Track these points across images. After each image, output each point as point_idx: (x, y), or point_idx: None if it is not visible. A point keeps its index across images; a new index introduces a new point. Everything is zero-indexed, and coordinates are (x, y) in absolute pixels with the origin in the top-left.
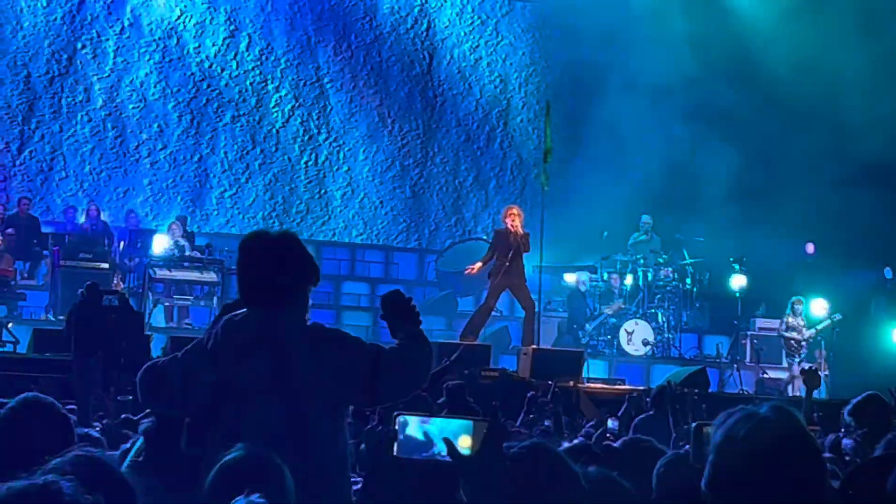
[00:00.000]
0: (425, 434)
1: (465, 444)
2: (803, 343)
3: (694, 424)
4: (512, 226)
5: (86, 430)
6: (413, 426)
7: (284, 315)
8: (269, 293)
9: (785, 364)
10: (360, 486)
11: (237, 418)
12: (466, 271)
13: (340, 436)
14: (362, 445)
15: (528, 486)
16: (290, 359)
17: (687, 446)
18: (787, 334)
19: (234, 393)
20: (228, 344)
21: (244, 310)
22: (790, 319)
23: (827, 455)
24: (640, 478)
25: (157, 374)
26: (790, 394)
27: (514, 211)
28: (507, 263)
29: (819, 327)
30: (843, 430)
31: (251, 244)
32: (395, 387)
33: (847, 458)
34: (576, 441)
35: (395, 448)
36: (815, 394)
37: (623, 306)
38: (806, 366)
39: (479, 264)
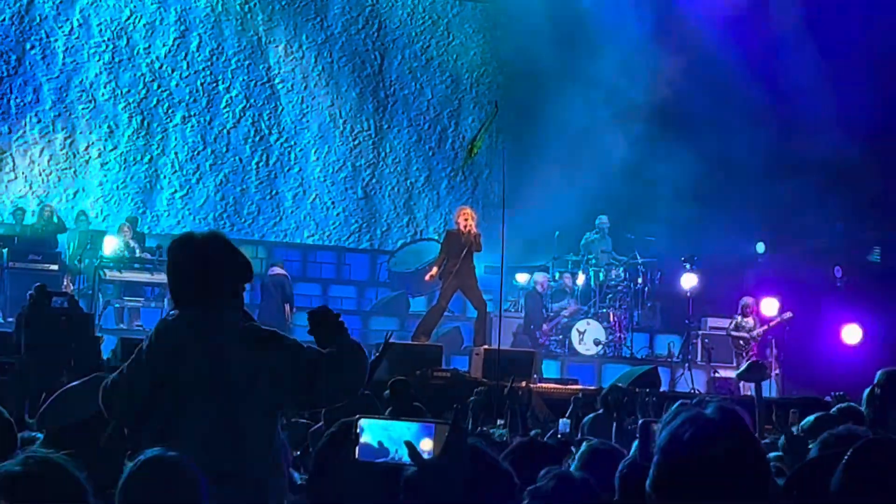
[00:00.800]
0: (385, 438)
1: (426, 447)
2: (751, 343)
3: (640, 422)
4: (465, 226)
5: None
6: (372, 430)
7: (219, 315)
8: (201, 294)
9: (735, 363)
10: (306, 486)
11: (172, 418)
12: (427, 278)
13: (275, 436)
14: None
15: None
16: (226, 359)
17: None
18: (735, 333)
19: (169, 392)
20: (164, 344)
21: (177, 311)
22: (740, 319)
23: (775, 454)
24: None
25: (106, 393)
26: (741, 392)
27: (467, 211)
28: (459, 264)
29: (769, 325)
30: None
31: (180, 247)
32: (334, 389)
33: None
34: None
35: (357, 452)
36: (767, 392)
37: (580, 308)
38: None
39: (434, 269)
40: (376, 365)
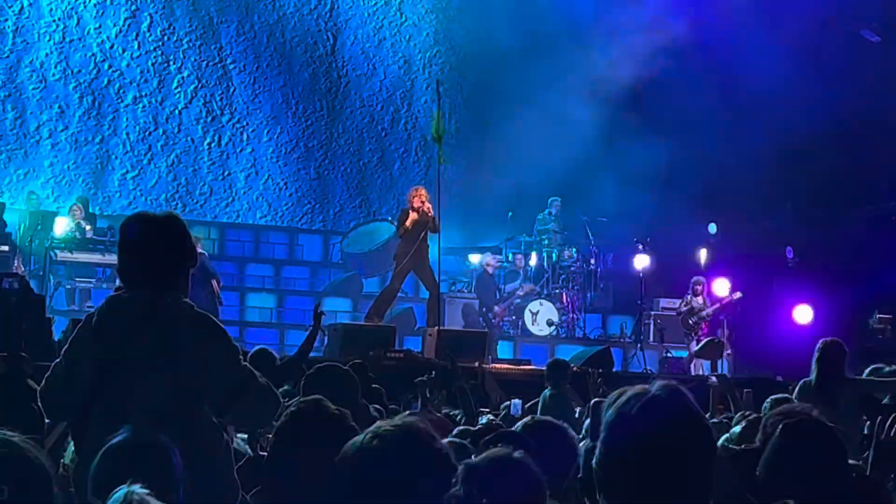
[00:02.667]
0: None
1: None
2: (702, 322)
3: (592, 401)
4: (425, 207)
5: None
6: None
7: (170, 295)
8: (154, 274)
9: (685, 343)
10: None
11: (123, 394)
12: (408, 223)
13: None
14: None
15: (396, 473)
16: (178, 337)
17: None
18: (683, 311)
19: (120, 369)
20: (115, 321)
21: (126, 290)
22: (690, 298)
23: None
24: (542, 457)
25: (44, 390)
26: (693, 372)
27: (423, 192)
28: (416, 245)
29: (719, 305)
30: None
31: (136, 225)
32: (242, 418)
33: None
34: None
35: None
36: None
37: (534, 288)
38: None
39: (409, 221)
40: (312, 337)
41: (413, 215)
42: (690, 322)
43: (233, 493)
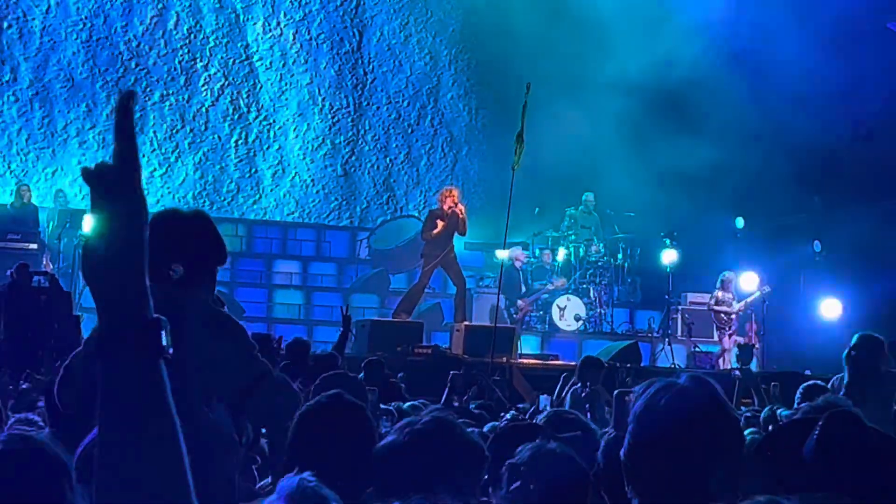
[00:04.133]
0: None
1: None
2: (733, 317)
3: (616, 392)
4: (457, 209)
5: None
6: None
7: (187, 292)
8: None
9: (716, 338)
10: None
11: None
12: (434, 233)
13: (224, 416)
14: None
15: (432, 461)
16: (189, 335)
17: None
18: (716, 308)
19: None
20: None
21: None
22: (719, 293)
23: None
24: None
25: (62, 381)
26: (721, 367)
27: (455, 193)
28: (445, 246)
29: (748, 300)
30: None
31: (163, 221)
32: (259, 414)
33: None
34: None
35: None
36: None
37: (565, 283)
38: (741, 340)
39: (438, 229)
40: (344, 339)
41: (440, 223)
42: (722, 316)
43: (236, 494)
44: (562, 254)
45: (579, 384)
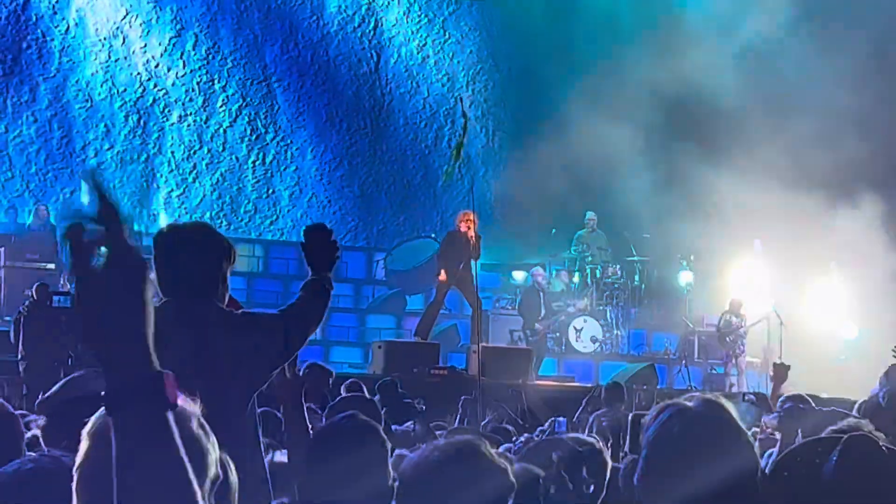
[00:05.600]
0: None
1: None
2: (740, 340)
3: (631, 415)
4: (470, 234)
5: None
6: None
7: (202, 303)
8: (185, 284)
9: (725, 360)
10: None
11: None
12: (441, 278)
13: (252, 417)
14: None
15: (455, 486)
16: (208, 344)
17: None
18: (723, 330)
19: None
20: None
21: (161, 299)
22: (729, 316)
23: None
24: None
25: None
26: (730, 389)
27: (471, 217)
28: (461, 269)
29: (757, 322)
30: None
31: (163, 237)
32: (299, 337)
33: None
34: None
35: None
36: (756, 387)
37: (588, 306)
38: (777, 360)
39: (443, 274)
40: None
41: (458, 238)
42: (728, 340)
43: (264, 498)
44: (575, 276)
45: (606, 408)
